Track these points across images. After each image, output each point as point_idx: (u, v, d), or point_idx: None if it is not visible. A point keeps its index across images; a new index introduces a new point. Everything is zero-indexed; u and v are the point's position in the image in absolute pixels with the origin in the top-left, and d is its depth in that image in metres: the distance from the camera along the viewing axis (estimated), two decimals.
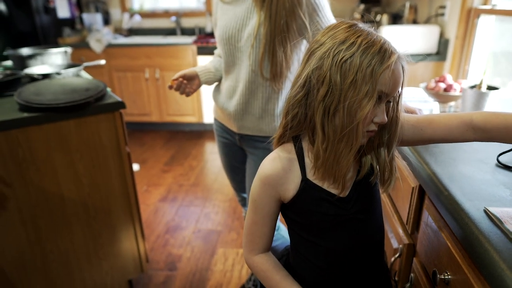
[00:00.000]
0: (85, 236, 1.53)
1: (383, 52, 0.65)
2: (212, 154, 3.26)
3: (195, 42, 3.48)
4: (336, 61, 0.66)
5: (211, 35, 3.80)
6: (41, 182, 1.40)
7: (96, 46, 3.56)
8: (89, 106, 1.43)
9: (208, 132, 3.76)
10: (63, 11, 3.74)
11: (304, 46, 1.27)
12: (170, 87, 1.35)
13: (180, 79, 1.35)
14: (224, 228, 2.20)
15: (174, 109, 3.70)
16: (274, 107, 1.29)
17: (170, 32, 4.05)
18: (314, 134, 0.72)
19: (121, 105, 1.49)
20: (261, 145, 1.36)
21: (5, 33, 3.43)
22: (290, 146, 0.79)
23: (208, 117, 3.67)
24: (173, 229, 2.22)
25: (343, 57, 0.65)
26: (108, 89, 1.60)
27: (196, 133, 3.76)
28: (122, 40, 3.76)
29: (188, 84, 1.38)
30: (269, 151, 1.33)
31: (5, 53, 2.06)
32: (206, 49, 3.46)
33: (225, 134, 1.46)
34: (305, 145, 0.77)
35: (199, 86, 1.41)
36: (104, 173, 1.52)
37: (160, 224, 2.26)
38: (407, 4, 3.01)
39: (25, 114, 1.34)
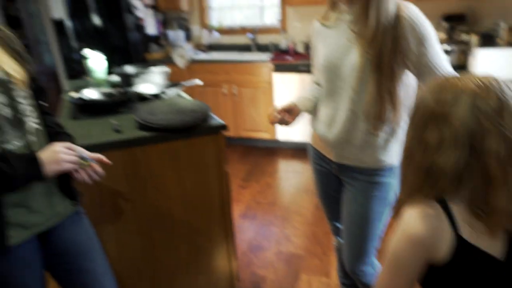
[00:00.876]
0: (187, 251, 1.59)
1: None
2: (287, 173, 3.27)
3: (272, 60, 3.53)
4: (493, 108, 0.64)
5: (286, 52, 3.84)
6: (156, 198, 1.48)
7: (180, 61, 3.75)
8: (197, 127, 1.50)
9: (281, 150, 3.78)
10: (150, 28, 4.00)
11: (406, 78, 1.20)
12: (272, 123, 1.37)
13: (279, 112, 1.36)
14: (306, 253, 2.18)
15: (249, 125, 3.78)
16: (378, 139, 1.24)
17: (246, 48, 4.15)
18: (478, 189, 0.68)
19: (224, 127, 1.54)
20: (361, 176, 1.32)
21: (100, 45, 3.73)
22: (431, 202, 0.74)
23: (282, 134, 3.69)
24: (255, 248, 2.24)
25: (504, 99, 0.65)
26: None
27: (270, 150, 3.80)
28: (203, 56, 3.93)
29: (288, 114, 1.38)
30: (369, 184, 1.31)
31: (113, 71, 2.23)
32: (282, 67, 3.50)
33: (321, 162, 1.44)
34: (454, 201, 0.73)
35: (298, 114, 1.41)
36: (206, 191, 1.57)
37: (243, 242, 2.30)
38: (502, 24, 2.80)
39: (145, 133, 1.43)
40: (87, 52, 2.27)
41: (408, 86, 1.23)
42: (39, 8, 4.02)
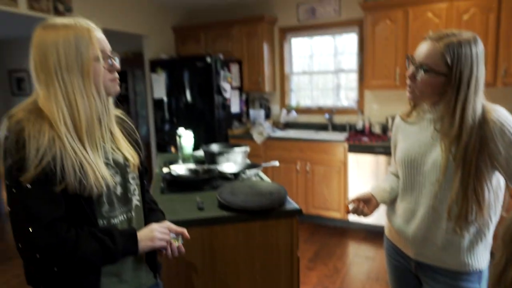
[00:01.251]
0: None
1: None
2: (357, 257, 3.13)
3: (347, 139, 3.59)
4: None
5: (362, 132, 3.89)
6: (225, 274, 1.55)
7: (257, 138, 4.01)
8: (274, 210, 1.58)
9: (351, 231, 3.66)
10: (235, 107, 4.40)
11: (495, 178, 1.17)
12: (347, 212, 1.39)
13: (356, 202, 1.38)
14: None
15: (319, 202, 3.77)
16: (462, 239, 1.18)
17: (322, 127, 4.29)
18: None
19: (299, 212, 1.60)
20: (442, 278, 1.24)
21: (188, 120, 4.17)
22: None
23: (353, 215, 3.59)
24: None
25: None
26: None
27: (340, 230, 3.70)
28: (279, 133, 4.15)
29: (365, 205, 1.39)
30: (452, 287, 1.21)
31: (200, 147, 2.48)
32: (357, 147, 3.53)
33: (398, 257, 1.39)
34: None
35: (376, 206, 1.41)
36: (275, 274, 1.60)
37: None
38: None
39: (225, 213, 1.55)
40: (181, 131, 2.55)
41: (497, 186, 1.19)
42: (145, 88, 4.72)
